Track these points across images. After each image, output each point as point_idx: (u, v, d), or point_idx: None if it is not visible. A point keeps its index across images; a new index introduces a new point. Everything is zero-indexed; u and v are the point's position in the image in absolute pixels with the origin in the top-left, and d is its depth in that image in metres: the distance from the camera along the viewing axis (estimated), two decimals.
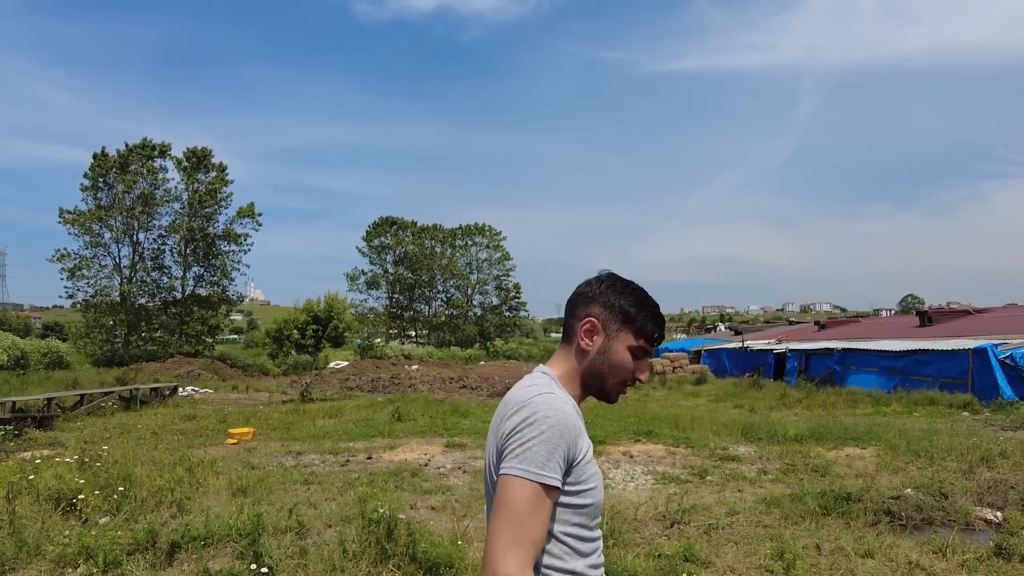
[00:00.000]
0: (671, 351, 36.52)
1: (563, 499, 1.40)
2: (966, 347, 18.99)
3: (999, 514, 6.31)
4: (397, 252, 63.50)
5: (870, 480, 7.74)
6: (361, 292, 62.69)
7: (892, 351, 22.20)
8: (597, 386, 1.57)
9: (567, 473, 1.39)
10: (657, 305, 1.59)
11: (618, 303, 1.55)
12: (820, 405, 19.02)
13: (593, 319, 1.55)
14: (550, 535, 1.39)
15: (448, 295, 65.44)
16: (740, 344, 32.09)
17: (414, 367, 37.73)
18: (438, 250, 64.53)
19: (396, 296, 64.69)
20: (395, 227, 63.18)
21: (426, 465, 8.46)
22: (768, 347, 29.59)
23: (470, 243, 64.85)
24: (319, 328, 32.69)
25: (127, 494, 5.87)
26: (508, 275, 64.52)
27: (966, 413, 16.67)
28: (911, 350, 21.50)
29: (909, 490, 7.13)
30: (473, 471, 8.09)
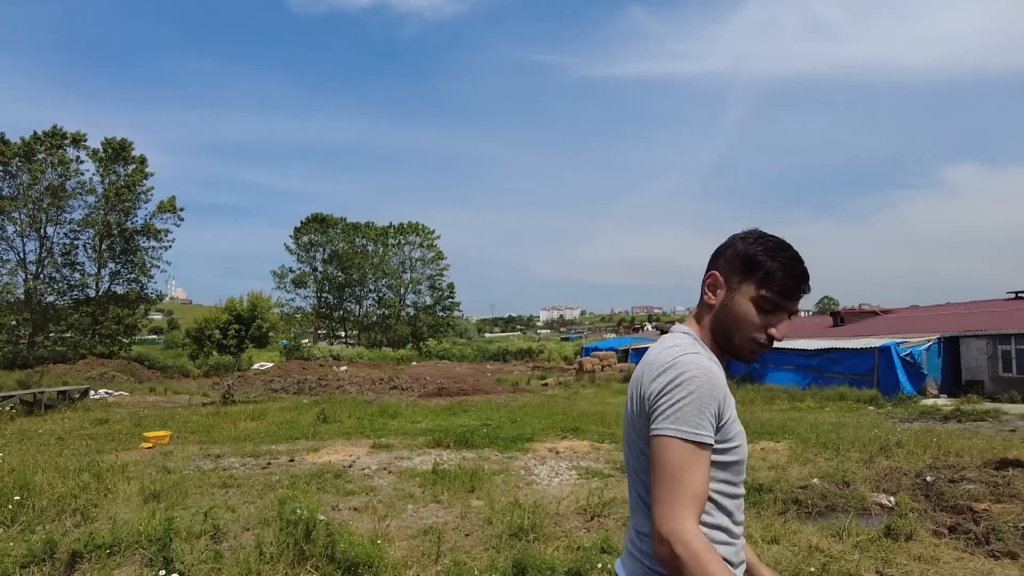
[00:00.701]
0: (600, 350, 37.27)
1: (713, 457, 1.39)
2: (872, 346, 20.21)
3: (892, 499, 6.77)
4: (327, 250, 62.11)
5: (782, 471, 8.14)
6: (288, 291, 60.99)
7: (807, 350, 23.38)
8: (726, 343, 1.52)
9: (717, 431, 1.39)
10: (798, 258, 1.48)
11: (743, 252, 1.49)
12: (740, 401, 19.76)
13: (716, 272, 1.53)
14: None
15: (380, 295, 64.54)
16: None
17: (343, 368, 37.00)
18: (370, 248, 63.51)
19: (325, 295, 63.27)
20: (325, 224, 61.77)
21: (350, 467, 8.33)
22: None
23: (403, 242, 64.14)
24: (242, 328, 31.56)
25: (24, 503, 5.53)
26: (442, 275, 64.23)
27: (871, 407, 17.76)
28: (824, 349, 22.70)
29: (816, 480, 7.55)
30: (399, 471, 8.04)
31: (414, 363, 46.67)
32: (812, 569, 4.00)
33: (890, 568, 4.38)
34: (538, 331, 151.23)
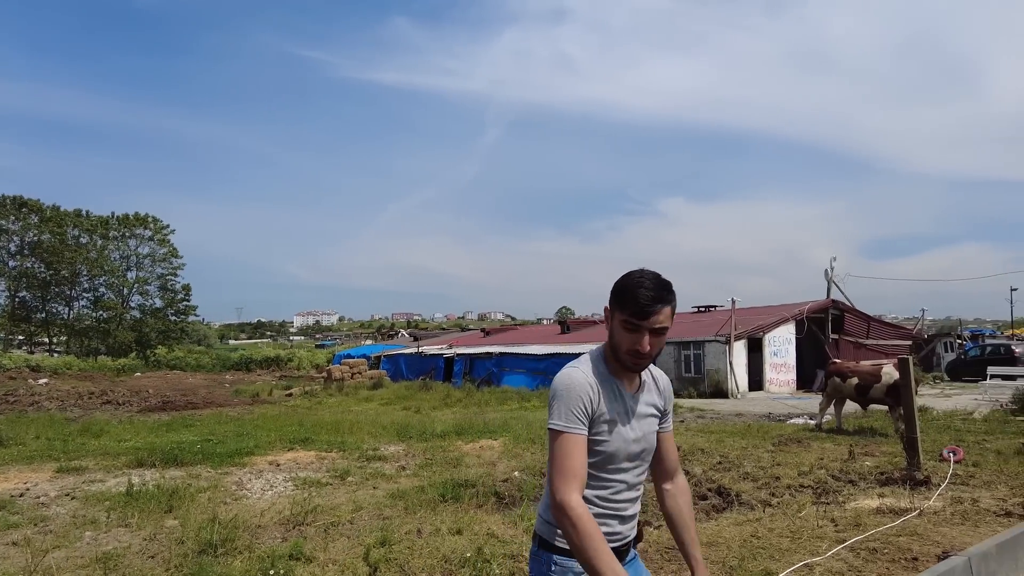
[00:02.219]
0: (352, 357, 36.78)
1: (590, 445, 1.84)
2: (585, 351, 22.96)
3: None
4: (26, 240, 52.32)
5: (491, 467, 8.92)
6: None
7: (536, 354, 25.71)
8: (617, 358, 1.88)
9: (592, 423, 1.84)
10: (641, 284, 1.81)
11: (613, 288, 1.87)
12: (477, 403, 21.08)
13: (606, 306, 1.91)
14: None
15: (97, 295, 56.08)
16: (416, 349, 33.77)
17: (42, 380, 31.57)
18: (84, 241, 54.85)
19: (22, 294, 53.24)
20: (24, 209, 51.99)
21: (21, 496, 7.25)
22: (440, 352, 31.72)
23: (128, 235, 56.42)
24: None
25: None
26: (175, 274, 57.84)
27: None
28: (550, 353, 25.18)
29: (517, 473, 8.41)
30: (86, 496, 7.20)
31: (138, 374, 41.45)
32: (468, 554, 4.53)
33: None
34: (291, 337, 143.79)
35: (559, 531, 1.82)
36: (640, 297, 1.79)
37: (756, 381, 23.11)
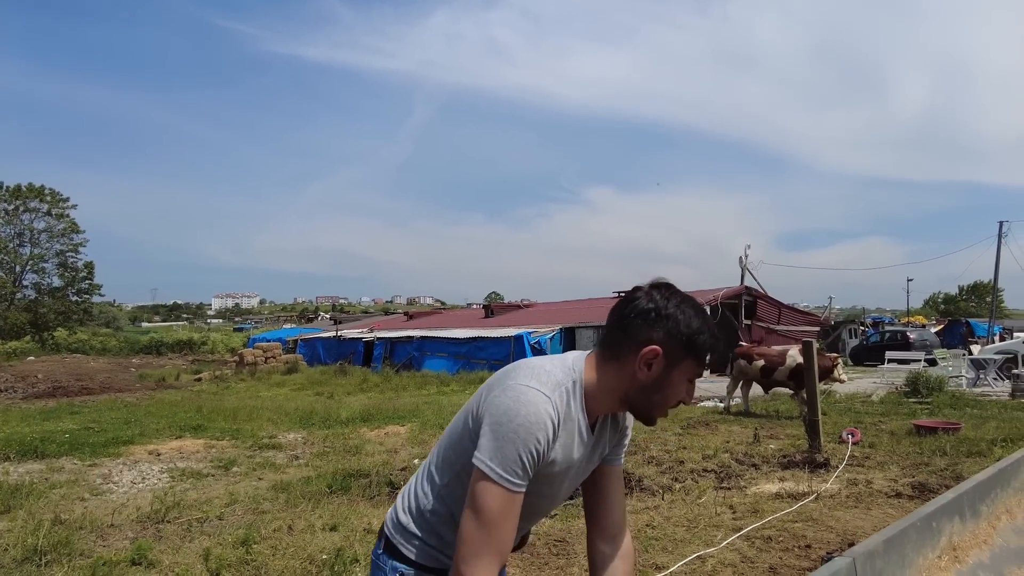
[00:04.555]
0: (269, 340, 35.34)
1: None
2: (509, 335, 22.73)
3: None
4: None
5: (392, 455, 8.45)
6: None
7: (458, 338, 25.26)
8: (641, 412, 1.42)
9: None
10: (714, 330, 1.38)
11: (687, 330, 1.33)
12: (394, 388, 20.49)
13: (658, 348, 1.33)
14: None
15: None
16: (335, 333, 32.74)
17: None
18: None
19: None
20: None
21: None
22: (360, 336, 30.82)
23: (22, 208, 52.00)
24: None
25: None
26: (77, 251, 53.83)
27: None
28: (472, 337, 24.79)
29: (417, 460, 7.99)
30: None
31: (31, 358, 38.42)
32: (325, 556, 4.07)
33: None
34: (208, 320, 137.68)
35: (423, 543, 1.46)
36: (718, 348, 1.39)
37: None
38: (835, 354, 11.11)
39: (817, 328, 29.06)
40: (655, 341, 1.33)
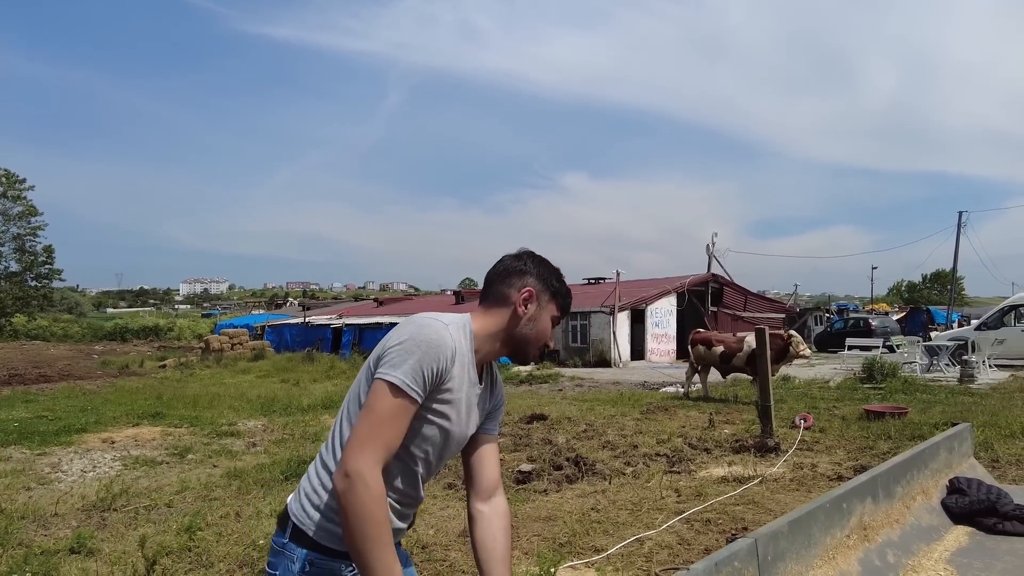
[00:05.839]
0: (236, 326, 34.86)
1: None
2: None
3: None
4: None
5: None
6: None
7: None
8: (519, 348, 1.67)
9: (432, 396, 1.51)
10: (561, 277, 1.72)
11: (550, 278, 1.68)
12: (341, 373, 20.38)
13: (532, 289, 1.64)
14: None
15: None
16: (303, 319, 32.43)
17: None
18: None
19: None
20: None
21: None
22: (328, 322, 30.58)
23: None
24: None
25: None
26: (35, 234, 52.32)
27: None
28: None
29: None
30: None
31: None
32: (261, 541, 4.08)
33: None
34: (175, 306, 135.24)
35: (329, 520, 1.47)
36: (569, 297, 1.74)
37: (638, 351, 23.76)
38: (788, 331, 11.30)
39: (783, 315, 29.60)
40: (529, 285, 1.65)
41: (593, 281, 30.59)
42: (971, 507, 3.35)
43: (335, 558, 1.49)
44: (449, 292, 42.42)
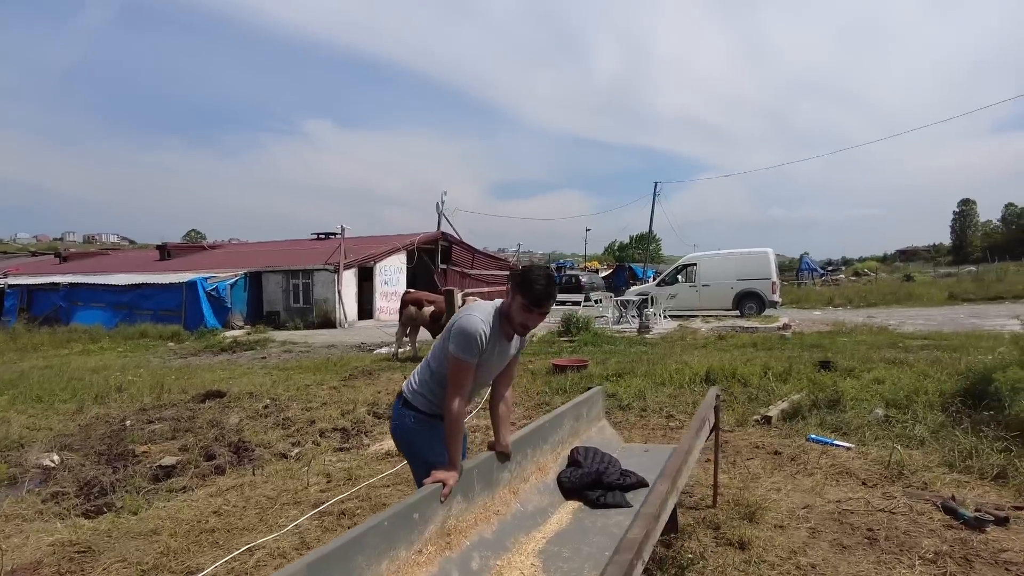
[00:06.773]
0: None
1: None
2: (181, 281, 20.01)
3: (57, 458, 6.10)
4: None
5: None
6: None
7: (119, 286, 21.61)
8: (509, 324, 2.68)
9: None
10: (538, 280, 2.58)
11: (520, 278, 2.62)
12: (21, 348, 16.73)
13: (510, 285, 2.70)
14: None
15: None
16: None
17: None
18: None
19: None
20: None
21: None
22: None
23: None
24: None
25: None
26: None
27: (171, 343, 17.48)
28: (137, 284, 21.39)
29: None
30: None
31: None
32: None
33: None
34: None
35: (424, 399, 2.72)
36: (536, 292, 2.57)
37: (368, 310, 23.15)
38: (471, 292, 11.53)
39: (507, 272, 31.22)
40: (512, 281, 2.70)
41: (322, 236, 28.94)
42: (581, 480, 3.29)
43: (429, 418, 2.71)
44: (153, 247, 37.03)
